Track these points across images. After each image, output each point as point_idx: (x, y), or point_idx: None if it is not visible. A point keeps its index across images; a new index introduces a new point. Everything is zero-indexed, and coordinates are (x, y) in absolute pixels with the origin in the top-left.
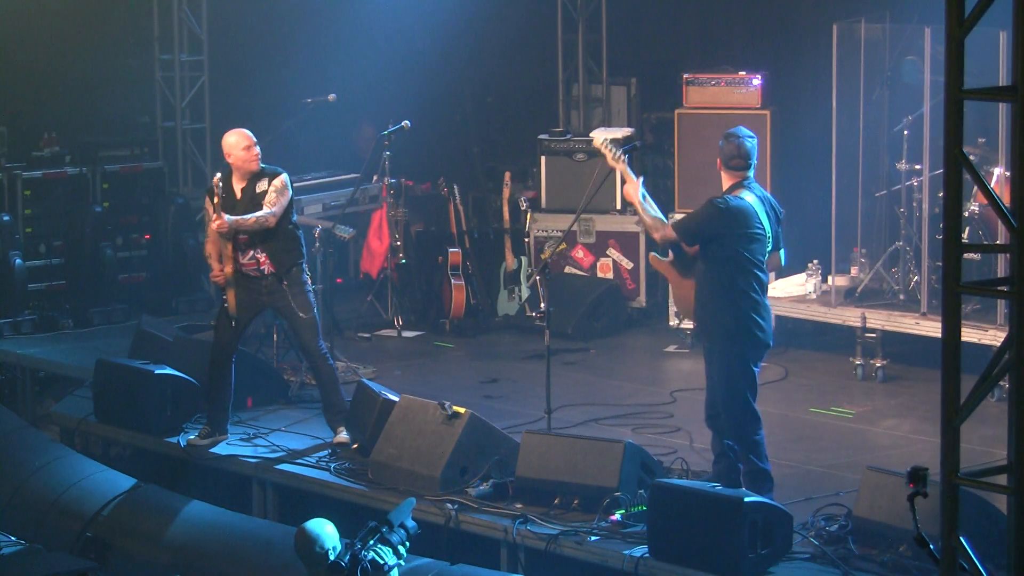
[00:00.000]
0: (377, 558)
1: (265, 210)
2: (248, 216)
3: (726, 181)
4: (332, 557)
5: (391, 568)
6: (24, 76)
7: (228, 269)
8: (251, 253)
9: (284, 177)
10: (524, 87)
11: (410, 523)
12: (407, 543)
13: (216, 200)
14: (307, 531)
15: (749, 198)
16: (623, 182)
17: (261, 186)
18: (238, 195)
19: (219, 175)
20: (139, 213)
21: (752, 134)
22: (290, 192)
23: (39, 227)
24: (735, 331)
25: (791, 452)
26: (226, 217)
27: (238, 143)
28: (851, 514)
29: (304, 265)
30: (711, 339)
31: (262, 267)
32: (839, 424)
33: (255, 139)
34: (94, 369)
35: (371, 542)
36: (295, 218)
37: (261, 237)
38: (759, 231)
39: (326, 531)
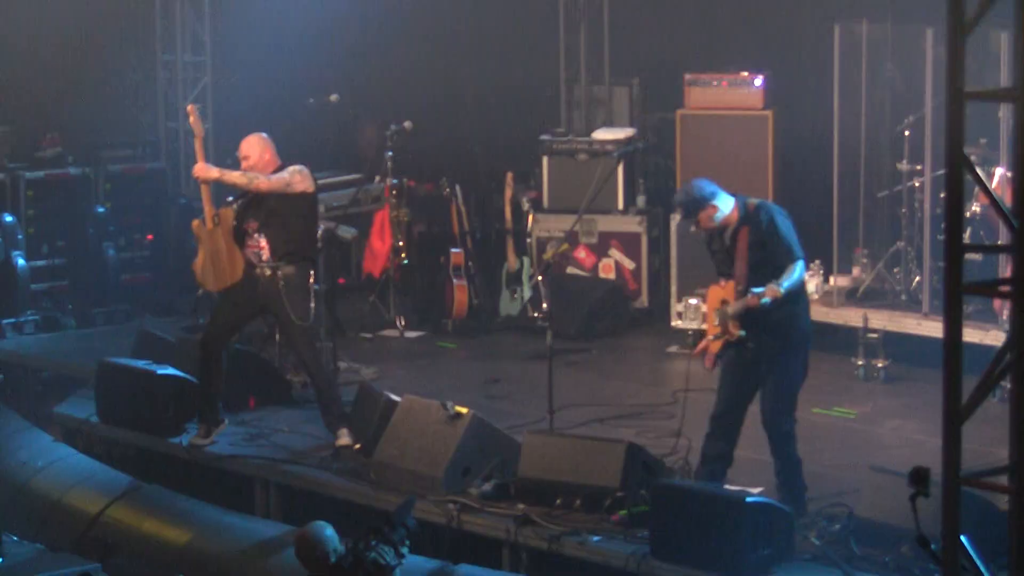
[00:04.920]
0: (379, 558)
1: (262, 175)
2: (235, 171)
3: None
4: (334, 559)
5: (393, 568)
6: (26, 76)
7: (209, 224)
8: (256, 236)
9: (302, 167)
10: (526, 88)
11: (410, 521)
12: (407, 541)
13: (198, 138)
14: (307, 535)
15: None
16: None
17: None
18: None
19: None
20: (141, 214)
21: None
22: (303, 181)
23: (41, 227)
24: (807, 331)
25: None
26: (208, 165)
27: (242, 152)
28: (853, 514)
29: (309, 270)
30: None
31: (261, 251)
32: (841, 424)
33: (257, 147)
34: (96, 369)
35: (373, 542)
36: (317, 223)
37: (269, 222)
38: None
39: (326, 534)
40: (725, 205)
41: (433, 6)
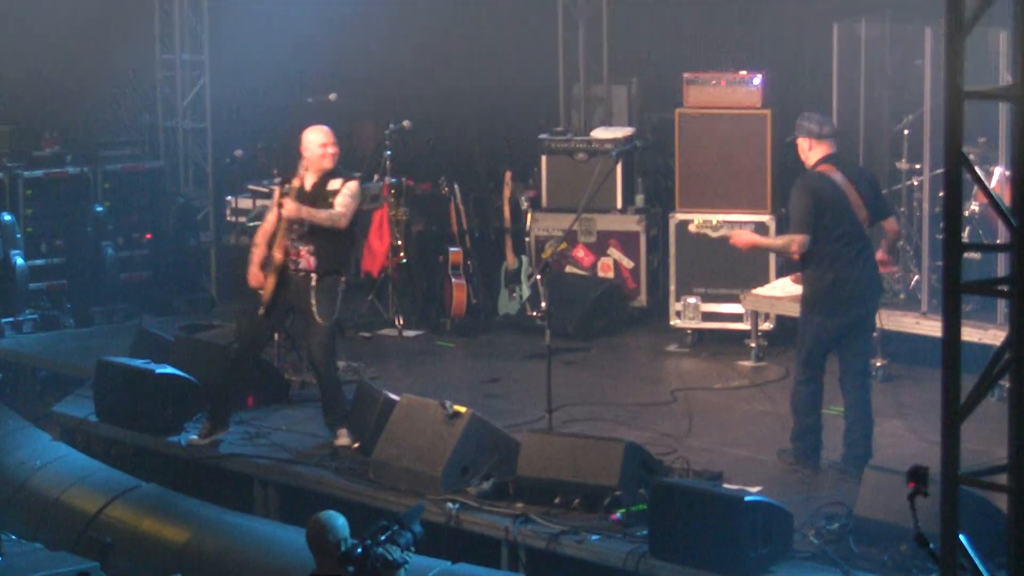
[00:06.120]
0: (386, 554)
1: (339, 209)
2: (321, 211)
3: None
4: (343, 548)
5: (400, 565)
6: (25, 76)
7: (278, 256)
8: (298, 247)
9: (357, 184)
10: (525, 86)
11: (417, 527)
12: (413, 547)
13: (284, 191)
14: (321, 521)
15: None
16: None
17: (332, 185)
18: (307, 188)
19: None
20: (140, 213)
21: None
22: (359, 201)
23: (40, 227)
24: (817, 298)
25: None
26: (298, 205)
27: (315, 140)
28: (851, 513)
29: (342, 276)
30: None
31: (300, 260)
32: (840, 423)
33: (333, 139)
34: (95, 368)
35: (382, 538)
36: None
37: (318, 234)
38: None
39: (338, 523)
40: (811, 151)
41: (432, 5)
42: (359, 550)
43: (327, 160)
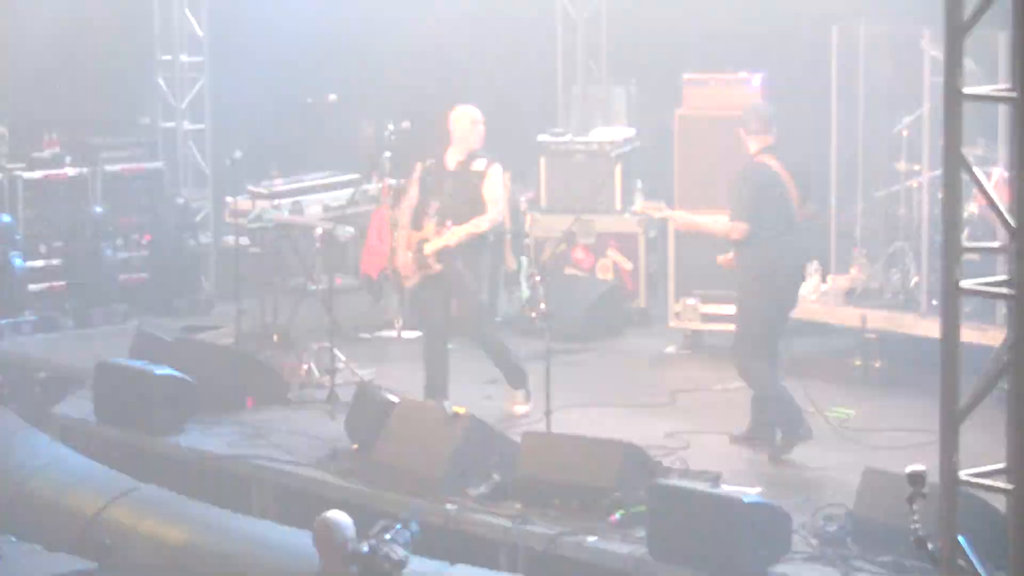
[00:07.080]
0: (391, 553)
1: (493, 214)
2: (482, 221)
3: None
4: (350, 548)
5: (404, 564)
6: (24, 77)
7: (424, 235)
8: (447, 223)
9: (500, 168)
10: (524, 87)
11: (415, 527)
12: (410, 546)
13: (427, 168)
14: (327, 521)
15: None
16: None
17: (477, 165)
18: (450, 167)
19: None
20: (139, 214)
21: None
22: (502, 184)
23: (39, 228)
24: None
25: (790, 452)
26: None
27: (465, 117)
28: (850, 514)
29: (484, 255)
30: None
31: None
32: (839, 424)
33: (483, 118)
34: (94, 370)
35: (386, 537)
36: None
37: (462, 214)
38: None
39: (345, 523)
40: (753, 140)
41: (431, 6)
42: (365, 549)
43: (475, 138)
